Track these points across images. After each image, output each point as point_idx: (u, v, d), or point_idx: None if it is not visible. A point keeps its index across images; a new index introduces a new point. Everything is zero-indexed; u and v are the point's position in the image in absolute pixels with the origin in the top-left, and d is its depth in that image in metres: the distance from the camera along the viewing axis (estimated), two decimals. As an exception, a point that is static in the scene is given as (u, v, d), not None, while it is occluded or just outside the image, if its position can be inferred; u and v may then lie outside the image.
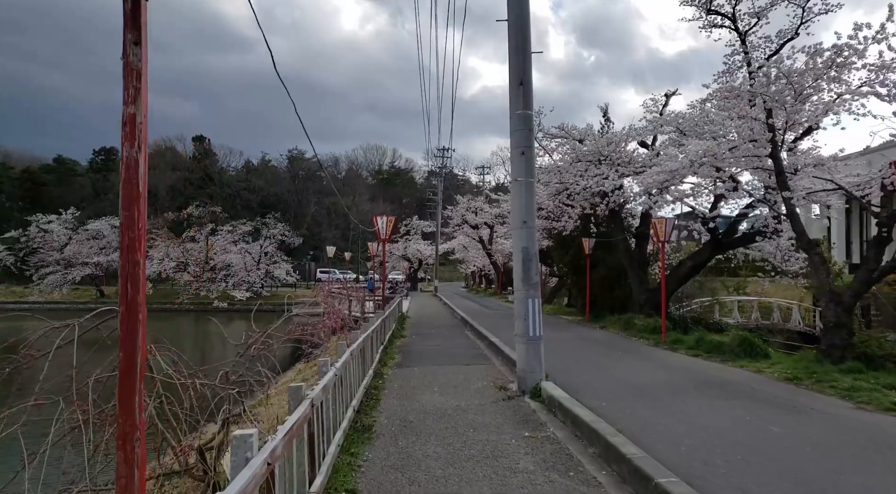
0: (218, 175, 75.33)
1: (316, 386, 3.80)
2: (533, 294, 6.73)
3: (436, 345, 11.86)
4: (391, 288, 35.46)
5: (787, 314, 20.57)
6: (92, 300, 47.55)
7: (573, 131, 16.07)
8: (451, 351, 10.81)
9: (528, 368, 6.65)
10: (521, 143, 6.71)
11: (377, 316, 10.63)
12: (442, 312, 23.11)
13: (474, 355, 10.35)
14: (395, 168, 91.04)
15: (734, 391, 6.83)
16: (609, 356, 9.99)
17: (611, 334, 13.95)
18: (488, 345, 11.37)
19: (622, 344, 11.88)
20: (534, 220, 6.78)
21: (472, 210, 40.11)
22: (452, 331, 15.21)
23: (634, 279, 16.39)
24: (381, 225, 11.41)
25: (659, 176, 11.09)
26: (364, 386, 6.84)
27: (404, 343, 12.26)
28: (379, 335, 10.18)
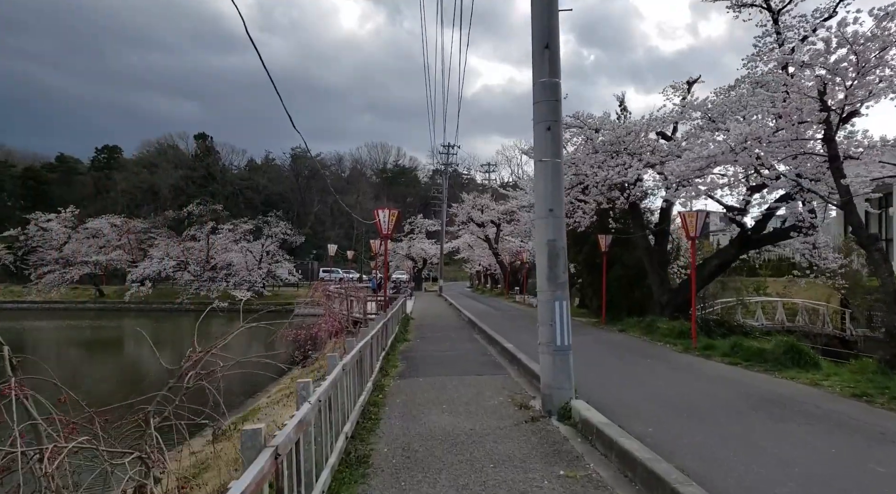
0: (220, 173, 74.56)
1: (287, 425, 2.77)
2: (560, 296, 5.68)
3: (443, 351, 10.82)
4: (395, 288, 34.45)
5: (814, 315, 19.39)
6: (91, 300, 46.84)
7: (589, 120, 14.98)
8: (460, 358, 9.77)
9: (554, 383, 5.60)
10: (547, 116, 5.66)
11: (379, 319, 9.62)
12: (448, 313, 22.07)
13: (486, 362, 9.30)
14: (399, 167, 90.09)
15: (799, 412, 5.75)
16: (638, 365, 8.91)
17: (632, 338, 12.87)
18: (501, 351, 10.32)
19: (648, 350, 10.79)
20: (562, 208, 5.72)
21: (477, 208, 39.06)
22: (460, 334, 14.17)
23: (655, 279, 15.29)
24: (382, 219, 10.38)
25: (694, 163, 9.99)
26: (361, 403, 5.82)
27: (408, 348, 11.23)
28: (380, 339, 9.16)
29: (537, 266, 5.94)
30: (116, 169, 73.48)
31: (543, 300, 5.74)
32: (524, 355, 8.77)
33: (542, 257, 5.73)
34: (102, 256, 45.35)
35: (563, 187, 5.79)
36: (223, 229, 47.47)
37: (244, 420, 8.75)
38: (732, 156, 9.15)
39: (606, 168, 13.62)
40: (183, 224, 49.36)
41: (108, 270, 48.15)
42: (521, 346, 9.98)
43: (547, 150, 5.65)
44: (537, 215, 5.83)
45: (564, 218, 5.78)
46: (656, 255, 15.58)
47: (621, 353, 10.33)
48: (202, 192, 66.78)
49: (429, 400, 6.53)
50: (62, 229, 47.33)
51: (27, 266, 45.63)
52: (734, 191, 12.60)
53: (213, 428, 7.84)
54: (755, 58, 12.31)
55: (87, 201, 66.04)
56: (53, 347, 24.90)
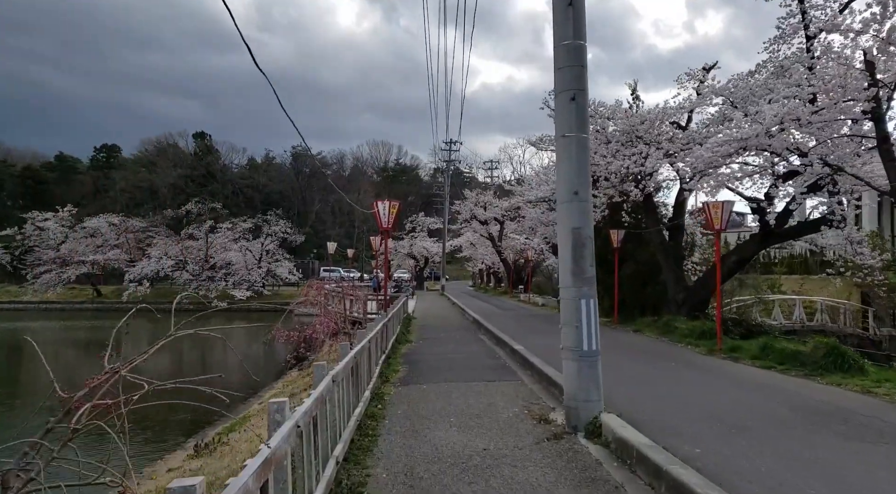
0: (220, 172, 73.88)
1: (243, 472, 1.98)
2: (587, 293, 4.89)
3: (448, 353, 10.04)
4: (396, 287, 33.68)
5: (835, 314, 18.56)
6: (88, 300, 46.16)
7: (600, 109, 14.17)
8: (467, 361, 8.98)
9: (580, 394, 4.82)
10: (571, 84, 4.87)
11: (378, 320, 8.85)
12: (451, 312, 21.29)
13: (496, 366, 8.51)
14: (400, 165, 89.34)
15: (867, 428, 4.95)
16: (663, 370, 8.11)
17: (649, 339, 12.06)
18: (510, 354, 9.53)
19: (669, 353, 9.99)
20: (588, 190, 4.93)
21: (480, 205, 38.26)
22: (465, 335, 13.39)
23: (670, 276, 14.48)
24: (382, 212, 9.61)
25: (723, 148, 9.17)
26: (357, 416, 5.05)
27: (410, 351, 10.46)
28: (380, 342, 8.39)
29: (560, 259, 5.16)
30: (116, 168, 72.88)
31: (567, 298, 4.96)
32: (537, 358, 7.99)
33: (565, 247, 4.95)
34: (99, 255, 44.66)
35: (589, 166, 5.01)
36: (222, 227, 46.78)
37: (230, 431, 7.99)
38: (766, 140, 8.34)
39: (621, 158, 12.80)
40: (181, 223, 48.71)
41: (105, 269, 47.51)
42: (532, 348, 9.20)
43: (571, 123, 4.87)
44: (560, 199, 5.04)
45: (591, 202, 4.99)
46: (671, 250, 14.77)
47: (641, 356, 9.53)
48: (202, 191, 66.17)
49: (434, 412, 5.75)
50: (59, 228, 46.73)
51: (24, 266, 45.05)
52: (757, 182, 11.79)
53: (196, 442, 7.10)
54: (778, 40, 11.52)
55: (86, 200, 65.53)
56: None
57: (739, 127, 9.07)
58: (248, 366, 7.25)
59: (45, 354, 3.26)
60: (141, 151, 77.28)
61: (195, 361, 18.70)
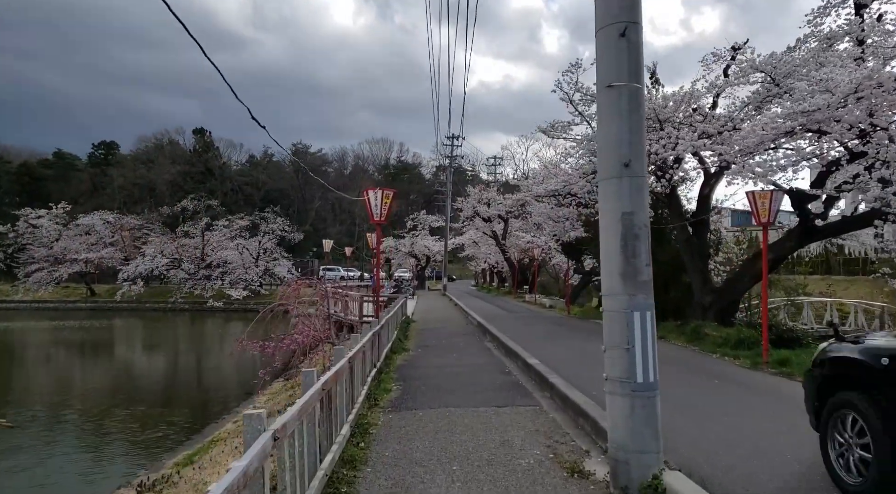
0: (219, 169, 72.68)
1: None
2: (643, 302, 3.55)
3: (449, 366, 8.69)
4: (396, 287, 32.37)
5: (869, 318, 17.13)
6: (82, 299, 44.98)
7: (619, 91, 12.79)
8: (473, 377, 7.63)
9: (632, 443, 3.47)
10: (619, 14, 3.51)
11: (367, 329, 7.53)
12: (453, 315, 19.95)
13: (506, 385, 7.16)
14: (402, 163, 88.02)
15: None
16: (711, 392, 6.74)
17: (678, 348, 10.69)
18: (523, 368, 8.18)
19: (706, 366, 8.62)
20: (643, 161, 3.59)
21: (484, 202, 36.87)
22: (469, 342, 12.04)
23: (696, 277, 13.10)
24: (373, 202, 8.26)
25: (780, 124, 7.77)
26: (327, 469, 3.71)
27: (407, 362, 9.12)
28: (369, 355, 7.07)
29: (602, 256, 3.80)
30: (113, 165, 71.76)
31: (614, 310, 3.61)
32: (558, 377, 6.63)
33: (611, 240, 3.60)
34: (93, 253, 43.47)
35: (644, 128, 3.65)
36: (218, 225, 45.57)
37: (190, 462, 6.65)
38: (837, 112, 6.94)
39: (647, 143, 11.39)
40: (178, 221, 47.56)
41: (100, 268, 46.38)
42: (549, 361, 7.85)
43: (621, 68, 3.51)
44: (603, 173, 3.69)
45: (647, 178, 3.64)
46: (697, 249, 13.39)
47: (675, 370, 8.16)
48: (200, 188, 65.08)
49: (432, 455, 4.41)
50: (53, 225, 45.61)
51: (17, 264, 43.95)
52: (790, 172, 10.36)
53: (142, 480, 5.78)
54: (822, 13, 10.15)
55: (84, 197, 64.58)
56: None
57: (799, 101, 7.66)
58: (218, 379, 6.13)
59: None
60: (138, 148, 76.23)
61: (162, 374, 17.31)
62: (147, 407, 10.84)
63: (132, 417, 9.90)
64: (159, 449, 8.33)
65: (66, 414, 10.65)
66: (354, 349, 5.44)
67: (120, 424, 9.66)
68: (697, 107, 12.63)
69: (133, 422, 9.50)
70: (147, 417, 9.87)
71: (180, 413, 10.03)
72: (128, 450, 8.55)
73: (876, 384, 3.20)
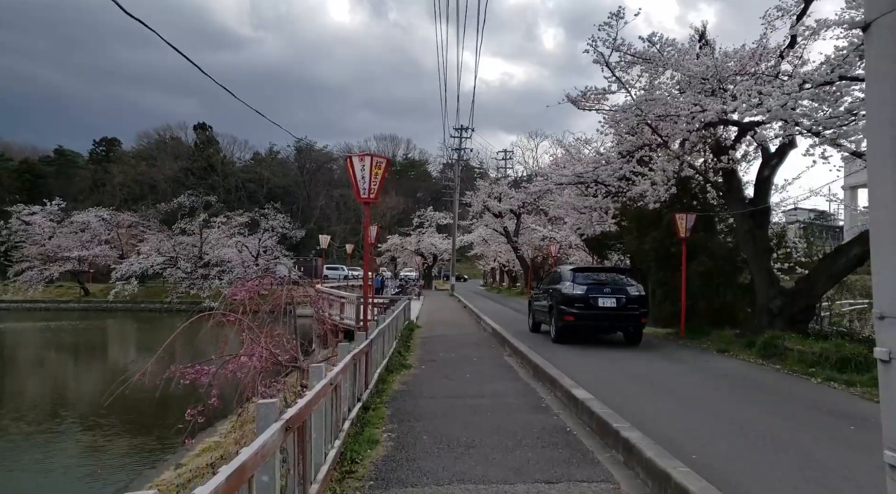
0: (221, 165, 70.95)
1: None
2: None
3: (463, 394, 6.46)
4: (400, 287, 30.19)
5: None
6: (75, 299, 43.24)
7: (668, 49, 10.47)
8: (496, 416, 5.39)
9: None
10: None
11: (356, 342, 5.36)
12: (463, 319, 17.70)
13: (547, 430, 4.90)
14: (408, 160, 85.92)
15: None
16: (843, 442, 4.44)
17: (754, 367, 8.35)
18: (566, 401, 5.91)
19: (809, 395, 6.30)
20: None
21: (494, 196, 34.62)
22: (484, 355, 9.80)
23: (762, 276, 10.74)
24: (359, 172, 6.06)
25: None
26: None
27: (406, 387, 6.90)
28: (349, 386, 4.89)
29: (873, 257, 1.50)
30: (114, 162, 70.37)
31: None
32: (630, 428, 4.36)
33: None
34: (85, 250, 41.73)
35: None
36: (216, 222, 43.71)
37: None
38: None
39: (710, 102, 9.04)
40: (176, 217, 45.81)
41: (95, 266, 44.69)
42: (599, 391, 5.60)
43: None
44: (878, 132, 1.40)
45: None
46: (761, 242, 11.04)
47: (768, 402, 5.87)
48: (202, 184, 63.41)
49: None
50: (47, 222, 43.97)
51: (10, 262, 42.39)
52: None
53: None
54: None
55: (84, 194, 63.26)
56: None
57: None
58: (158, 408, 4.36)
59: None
60: (140, 145, 74.76)
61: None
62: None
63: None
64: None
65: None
66: (308, 396, 3.22)
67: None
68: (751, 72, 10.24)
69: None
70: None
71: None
72: None
73: None
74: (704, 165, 12.58)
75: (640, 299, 10.49)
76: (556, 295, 10.58)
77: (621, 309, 10.27)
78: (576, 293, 10.22)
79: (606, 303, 10.20)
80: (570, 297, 10.23)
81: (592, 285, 10.48)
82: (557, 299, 10.48)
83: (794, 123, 9.01)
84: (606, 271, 12.32)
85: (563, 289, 10.43)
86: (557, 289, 10.62)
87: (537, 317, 12.23)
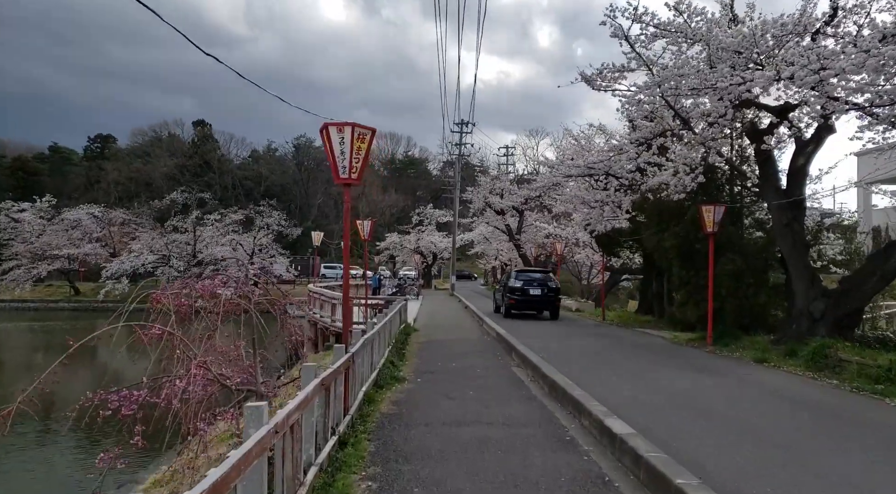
0: (218, 162, 69.71)
1: None
2: None
3: (466, 421, 5.27)
4: (398, 286, 28.96)
5: None
6: (65, 298, 42.02)
7: (696, 19, 9.25)
8: (508, 458, 4.18)
9: None
10: None
11: (334, 357, 4.17)
12: (464, 321, 16.48)
13: (577, 478, 3.69)
14: (408, 158, 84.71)
15: None
16: None
17: (807, 383, 7.13)
18: (594, 431, 4.71)
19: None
20: None
21: (496, 192, 33.39)
22: (489, 366, 8.59)
23: (801, 274, 9.52)
24: (336, 146, 4.86)
25: None
26: None
27: (397, 409, 5.70)
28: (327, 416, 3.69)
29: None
30: (109, 159, 69.22)
31: None
32: (698, 488, 3.16)
33: None
34: (75, 248, 40.55)
35: None
36: (210, 219, 42.52)
37: None
38: None
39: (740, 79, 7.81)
40: (169, 214, 44.65)
41: (87, 265, 43.54)
42: (638, 420, 4.41)
43: None
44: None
45: None
46: (800, 238, 9.83)
47: (855, 440, 4.67)
48: (198, 181, 62.24)
49: None
50: (37, 220, 42.81)
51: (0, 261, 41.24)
52: None
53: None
54: None
55: (78, 192, 62.18)
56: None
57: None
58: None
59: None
60: (135, 142, 73.54)
61: None
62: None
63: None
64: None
65: None
66: (229, 462, 2.02)
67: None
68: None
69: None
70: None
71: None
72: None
73: None
74: (732, 153, 11.39)
75: (556, 289, 16.36)
76: (506, 287, 16.44)
77: (544, 296, 15.65)
78: (516, 286, 15.77)
79: (535, 292, 15.62)
80: (512, 288, 15.77)
81: (527, 280, 15.89)
82: (506, 290, 16.22)
83: (843, 101, 7.80)
84: (537, 272, 17.16)
85: (510, 283, 16.15)
86: (506, 283, 16.67)
87: (497, 301, 17.58)
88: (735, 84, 7.75)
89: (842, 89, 7.74)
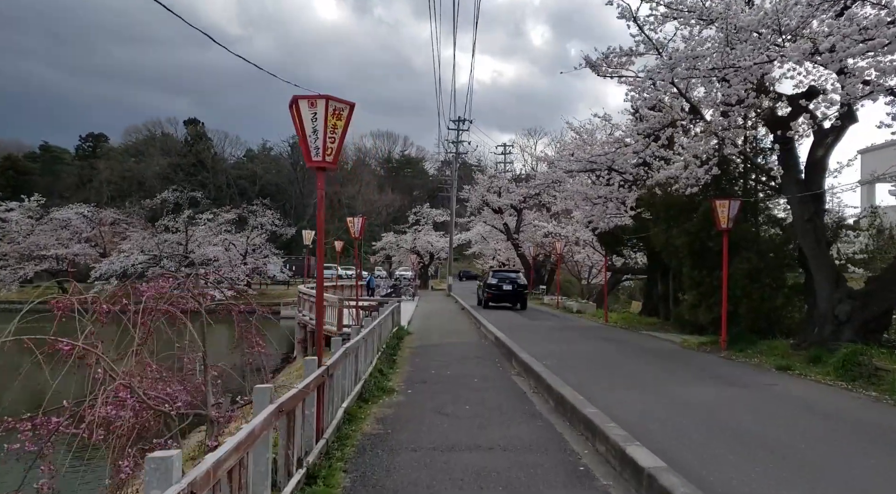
0: (212, 161, 68.80)
1: None
2: None
3: (460, 445, 4.53)
4: (393, 287, 28.19)
5: None
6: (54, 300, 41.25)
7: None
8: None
9: None
10: None
11: (305, 374, 3.44)
12: (461, 324, 15.74)
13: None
14: (405, 157, 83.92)
15: None
16: None
17: (842, 395, 6.41)
18: (613, 459, 3.98)
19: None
20: None
21: (494, 191, 32.72)
22: (486, 373, 7.85)
23: (823, 274, 8.82)
24: (308, 123, 4.13)
25: None
26: None
27: (382, 429, 4.96)
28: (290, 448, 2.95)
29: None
30: (101, 158, 68.27)
31: None
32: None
33: None
34: (63, 248, 39.65)
35: None
36: (202, 218, 41.70)
37: None
38: None
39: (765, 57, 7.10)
40: (160, 214, 43.81)
41: (77, 265, 42.62)
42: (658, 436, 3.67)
43: None
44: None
45: None
46: (823, 235, 9.12)
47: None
48: (191, 181, 61.34)
49: None
50: (25, 219, 41.88)
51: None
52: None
53: None
54: None
55: (70, 191, 61.23)
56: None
57: None
58: None
59: None
60: (128, 141, 72.57)
61: None
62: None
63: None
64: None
65: None
66: None
67: None
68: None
69: None
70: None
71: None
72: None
73: None
74: (746, 145, 10.68)
75: (524, 285, 20.63)
76: (485, 284, 20.65)
77: (514, 291, 19.77)
78: (492, 282, 20.09)
79: (507, 288, 19.77)
80: (490, 284, 20.04)
81: (501, 278, 20.33)
82: (485, 286, 20.46)
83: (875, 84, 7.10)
84: (510, 272, 21.96)
85: (488, 281, 20.51)
86: (485, 280, 21.21)
87: (479, 296, 21.31)
88: (759, 63, 7.01)
89: (874, 71, 7.06)
